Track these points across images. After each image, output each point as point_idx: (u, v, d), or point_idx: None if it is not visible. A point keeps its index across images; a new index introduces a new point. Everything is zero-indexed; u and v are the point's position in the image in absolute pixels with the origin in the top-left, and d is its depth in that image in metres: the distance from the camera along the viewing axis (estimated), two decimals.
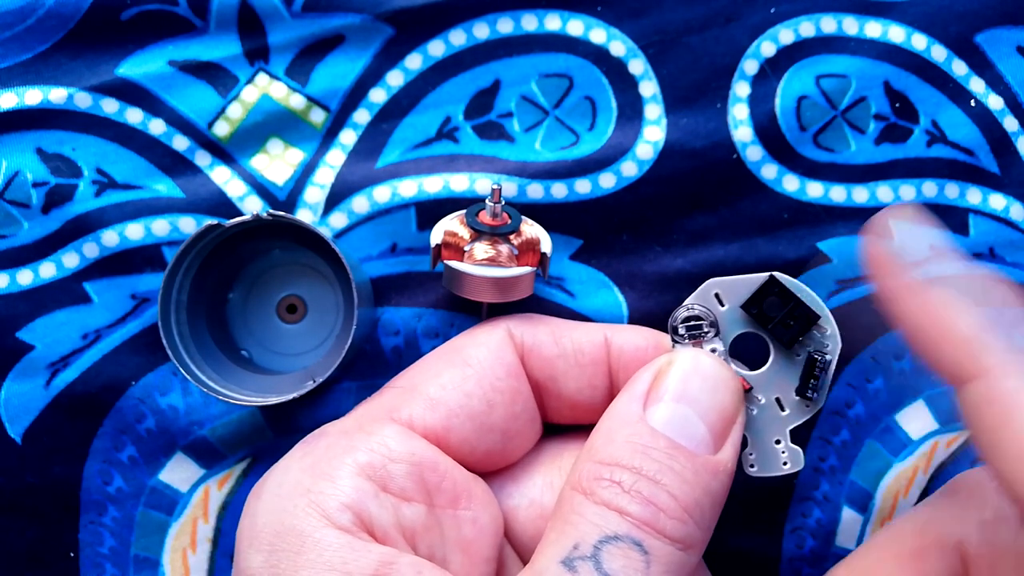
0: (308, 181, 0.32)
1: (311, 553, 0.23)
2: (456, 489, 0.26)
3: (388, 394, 0.28)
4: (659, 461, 0.24)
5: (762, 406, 0.27)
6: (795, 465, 0.27)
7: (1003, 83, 0.32)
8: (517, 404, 0.28)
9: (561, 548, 0.23)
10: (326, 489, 0.24)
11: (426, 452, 0.26)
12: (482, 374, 0.27)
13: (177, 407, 0.32)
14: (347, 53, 0.32)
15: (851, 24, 0.32)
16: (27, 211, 0.31)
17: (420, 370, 0.28)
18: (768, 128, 0.32)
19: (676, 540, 0.23)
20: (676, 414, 0.25)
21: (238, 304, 0.33)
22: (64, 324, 0.32)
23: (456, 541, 0.26)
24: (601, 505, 0.23)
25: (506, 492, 0.28)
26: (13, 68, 0.32)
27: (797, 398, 0.27)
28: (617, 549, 0.23)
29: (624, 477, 0.24)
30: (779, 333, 0.27)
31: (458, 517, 0.26)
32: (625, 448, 0.24)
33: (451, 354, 0.28)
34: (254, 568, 0.23)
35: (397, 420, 0.26)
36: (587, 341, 0.29)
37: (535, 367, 0.28)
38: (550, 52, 0.32)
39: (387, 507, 0.24)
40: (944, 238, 0.25)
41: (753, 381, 0.27)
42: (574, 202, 0.32)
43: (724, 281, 0.28)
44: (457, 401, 0.27)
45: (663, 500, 0.23)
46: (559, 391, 0.28)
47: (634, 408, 0.25)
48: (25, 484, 0.32)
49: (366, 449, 0.25)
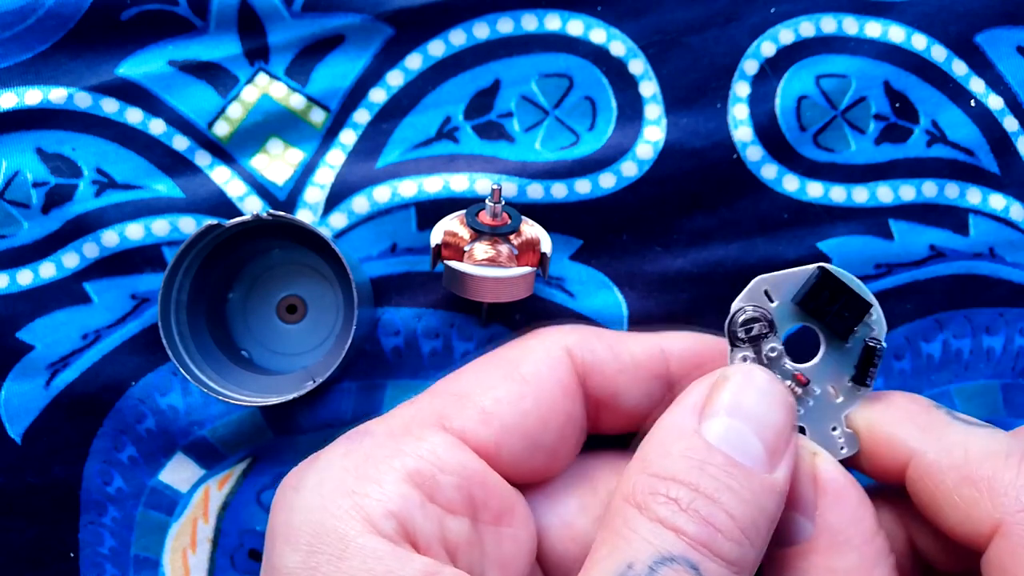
0: (308, 181, 0.32)
1: (354, 559, 0.22)
2: (501, 506, 0.25)
3: (438, 399, 0.27)
4: (717, 479, 0.23)
5: (817, 397, 0.27)
6: (851, 449, 0.27)
7: (1003, 83, 0.32)
8: (569, 426, 0.27)
9: (614, 565, 0.22)
10: (372, 493, 0.23)
11: (476, 466, 0.25)
12: (539, 393, 0.27)
13: (177, 407, 0.32)
14: (347, 53, 0.32)
15: (851, 24, 0.32)
16: (27, 211, 0.31)
17: (472, 379, 0.27)
18: (768, 128, 0.32)
19: (732, 562, 0.22)
20: (732, 429, 0.24)
21: (238, 304, 0.33)
22: (64, 324, 0.32)
23: (496, 558, 0.25)
24: (656, 522, 0.23)
25: (541, 510, 0.27)
26: (13, 68, 0.32)
27: (849, 385, 0.27)
28: (672, 571, 0.22)
29: (681, 494, 0.23)
30: (836, 325, 0.27)
31: (500, 534, 0.25)
32: (681, 462, 0.23)
33: (507, 367, 0.27)
34: (290, 567, 0.23)
35: (449, 429, 0.26)
36: (643, 353, 0.28)
37: (596, 385, 0.28)
38: (550, 52, 0.32)
39: (432, 518, 0.24)
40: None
41: (808, 373, 0.27)
42: (574, 202, 0.32)
43: (773, 277, 0.27)
44: (512, 418, 0.26)
45: (721, 520, 0.23)
46: (619, 405, 0.28)
47: (689, 421, 0.24)
48: (25, 484, 0.32)
49: (415, 456, 0.24)
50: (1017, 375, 0.33)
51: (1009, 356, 0.33)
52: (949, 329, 0.32)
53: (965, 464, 0.24)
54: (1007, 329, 0.33)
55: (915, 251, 0.32)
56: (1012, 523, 0.23)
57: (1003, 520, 0.23)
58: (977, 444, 0.24)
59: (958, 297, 0.32)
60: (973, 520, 0.23)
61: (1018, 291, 0.32)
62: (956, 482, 0.24)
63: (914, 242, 0.32)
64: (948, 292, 0.32)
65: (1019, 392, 0.33)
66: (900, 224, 0.32)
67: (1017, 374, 0.33)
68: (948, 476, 0.24)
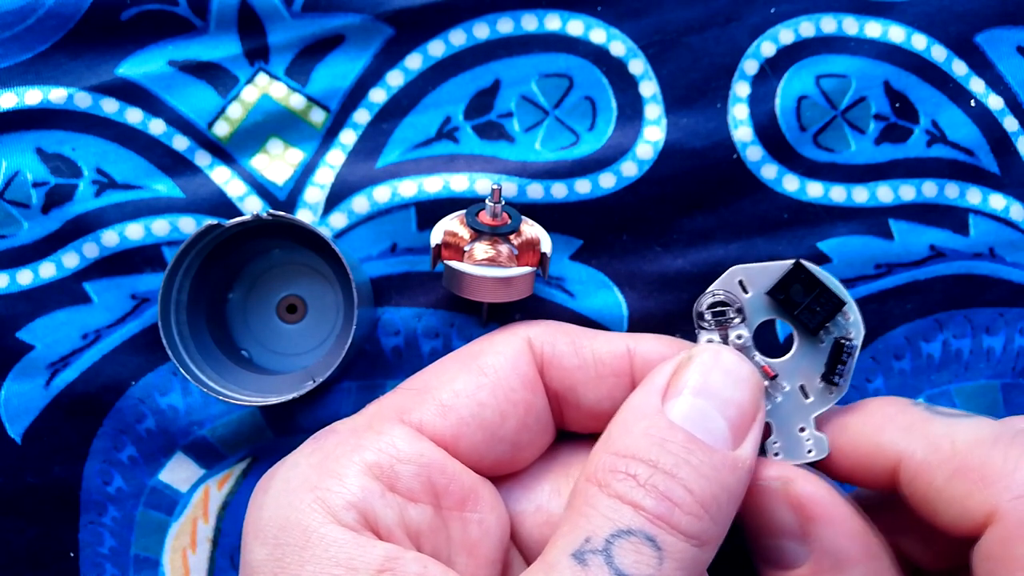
0: (308, 181, 0.32)
1: (316, 548, 0.23)
2: (463, 492, 0.26)
3: (400, 395, 0.27)
4: (676, 455, 0.23)
5: (787, 393, 0.27)
6: (820, 452, 0.27)
7: (1003, 83, 0.32)
8: (530, 416, 0.27)
9: (573, 540, 0.23)
10: (333, 486, 0.24)
11: (434, 454, 0.25)
12: (497, 384, 0.27)
13: (177, 407, 0.32)
14: (347, 53, 0.32)
15: (851, 24, 0.32)
16: (27, 211, 0.31)
17: (435, 373, 0.28)
18: (768, 128, 0.32)
19: (691, 536, 0.23)
20: (695, 408, 0.24)
21: (238, 304, 0.33)
22: (64, 324, 0.32)
23: (462, 543, 0.25)
24: (615, 498, 0.23)
25: (514, 497, 0.28)
26: (13, 68, 0.32)
27: (821, 385, 0.27)
28: (630, 544, 0.22)
29: (640, 470, 0.23)
30: (806, 319, 0.27)
31: (464, 519, 0.26)
32: (642, 440, 0.24)
33: (468, 360, 0.28)
34: (258, 561, 0.23)
35: (407, 422, 0.26)
36: (608, 352, 0.28)
37: (554, 378, 0.28)
38: (550, 52, 0.32)
39: (393, 507, 0.24)
40: None
41: (777, 368, 0.27)
42: (574, 202, 0.32)
43: (748, 268, 0.28)
44: (469, 410, 0.26)
45: (678, 495, 0.23)
46: (578, 402, 0.28)
47: (652, 401, 0.25)
48: (25, 484, 0.32)
49: (374, 448, 0.25)
50: (1017, 375, 0.33)
51: (1009, 356, 0.33)
52: (949, 329, 0.32)
53: (953, 457, 0.24)
54: (1007, 329, 0.33)
55: (915, 251, 0.32)
56: (1006, 510, 0.22)
57: (997, 507, 0.22)
58: (963, 435, 0.24)
59: (958, 297, 0.32)
60: (969, 513, 0.23)
61: (1018, 291, 0.32)
62: (947, 477, 0.24)
63: (914, 242, 0.32)
64: (948, 292, 0.32)
65: (1019, 392, 0.33)
66: (900, 224, 0.32)
67: (1017, 374, 0.33)
68: (939, 473, 0.24)
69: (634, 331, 0.32)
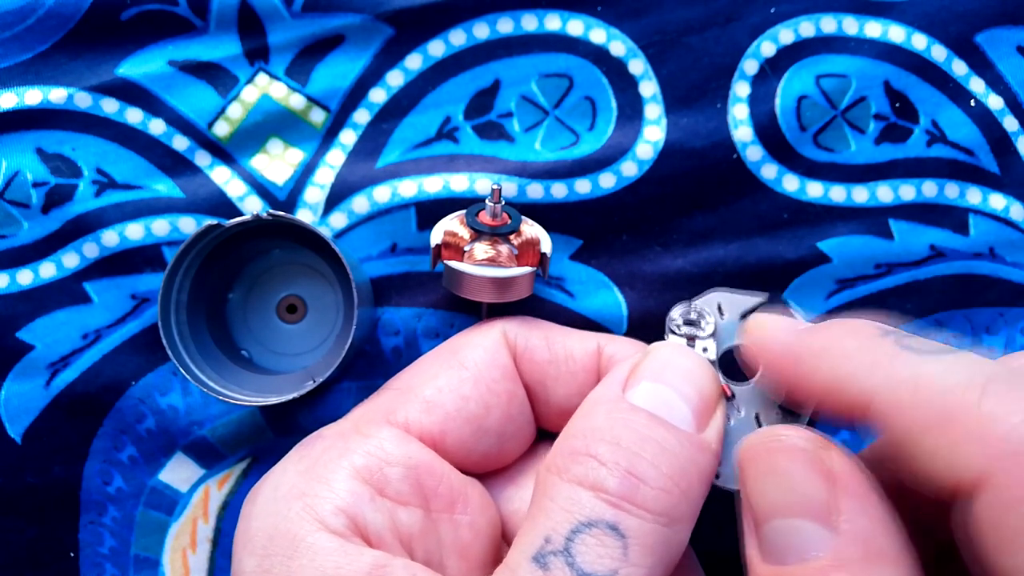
0: (308, 181, 0.32)
1: (304, 558, 0.22)
2: (453, 493, 0.26)
3: (384, 396, 0.27)
4: (639, 431, 0.22)
5: (740, 419, 0.27)
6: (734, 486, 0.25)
7: (1003, 83, 0.32)
8: (513, 406, 0.28)
9: (533, 541, 0.21)
10: (321, 492, 0.24)
11: (422, 455, 0.25)
12: (478, 376, 0.27)
13: (177, 407, 0.32)
14: (347, 53, 0.32)
15: (851, 24, 0.32)
16: (27, 211, 0.31)
17: (416, 372, 0.28)
18: (768, 128, 0.32)
19: (658, 513, 0.21)
20: (657, 393, 0.23)
21: (238, 304, 0.33)
22: (64, 324, 0.32)
23: (453, 545, 0.25)
24: (574, 483, 0.22)
25: (504, 496, 0.28)
26: (13, 68, 0.32)
27: (778, 417, 0.26)
28: (591, 538, 0.21)
29: (602, 449, 0.22)
30: None
31: (455, 521, 0.26)
32: (603, 421, 0.23)
33: (447, 356, 0.28)
34: (247, 572, 0.23)
35: (393, 423, 0.26)
36: (579, 348, 0.28)
37: (526, 370, 0.28)
38: (550, 52, 0.32)
39: (382, 511, 0.24)
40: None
41: (736, 392, 0.27)
42: (574, 202, 0.32)
43: (727, 296, 0.28)
44: (454, 404, 0.27)
45: (642, 470, 0.21)
46: (548, 397, 0.28)
47: (614, 390, 0.24)
48: (25, 484, 0.32)
49: (362, 452, 0.25)
50: None
51: None
52: (949, 329, 0.32)
53: (931, 404, 0.19)
54: (1007, 329, 0.33)
55: (915, 251, 0.32)
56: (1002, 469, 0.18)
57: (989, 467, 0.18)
58: (945, 376, 0.19)
59: (958, 297, 0.32)
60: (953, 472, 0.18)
61: (1018, 291, 0.32)
62: (922, 429, 0.19)
63: (914, 242, 0.32)
64: (948, 292, 0.32)
65: None
66: (900, 224, 0.32)
67: None
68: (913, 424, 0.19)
69: (634, 331, 0.32)
